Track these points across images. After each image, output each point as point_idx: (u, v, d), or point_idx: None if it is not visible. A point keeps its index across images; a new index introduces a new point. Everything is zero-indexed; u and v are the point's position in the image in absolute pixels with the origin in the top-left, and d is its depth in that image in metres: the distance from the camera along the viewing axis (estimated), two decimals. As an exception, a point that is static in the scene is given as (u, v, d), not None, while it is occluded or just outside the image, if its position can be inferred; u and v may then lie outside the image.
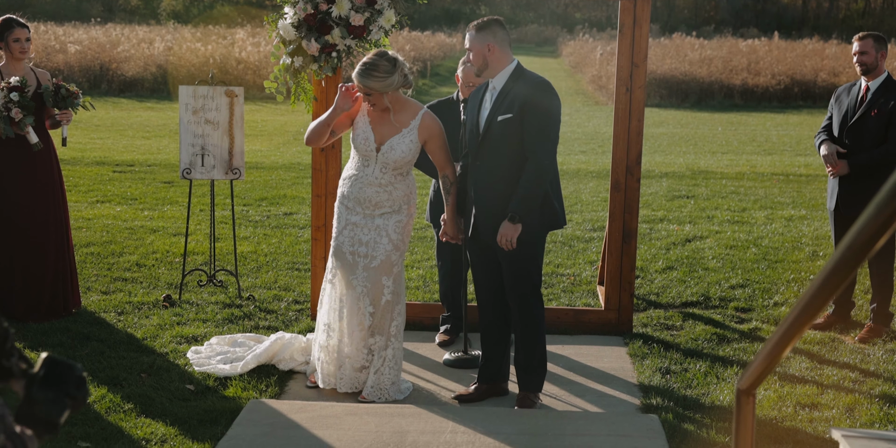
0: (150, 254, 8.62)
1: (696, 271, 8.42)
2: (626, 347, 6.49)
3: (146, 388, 5.41)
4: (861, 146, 6.58)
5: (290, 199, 11.59)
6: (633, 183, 6.69)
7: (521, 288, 5.27)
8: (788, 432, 5.04)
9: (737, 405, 2.75)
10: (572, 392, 5.70)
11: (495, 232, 5.18)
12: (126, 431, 4.83)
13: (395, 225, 5.39)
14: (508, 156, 5.14)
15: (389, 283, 5.40)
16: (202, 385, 5.54)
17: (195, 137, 7.25)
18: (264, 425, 4.89)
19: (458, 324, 6.55)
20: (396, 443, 4.71)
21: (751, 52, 30.95)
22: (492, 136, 5.16)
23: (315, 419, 4.99)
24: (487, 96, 5.27)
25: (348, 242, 5.43)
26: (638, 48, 6.54)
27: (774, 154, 17.09)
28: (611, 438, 4.82)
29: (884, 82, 6.56)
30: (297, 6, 6.33)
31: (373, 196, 5.38)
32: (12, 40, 6.58)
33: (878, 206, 1.79)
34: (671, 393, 5.63)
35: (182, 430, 4.85)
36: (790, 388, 5.70)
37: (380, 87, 5.23)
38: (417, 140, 5.36)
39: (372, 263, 5.38)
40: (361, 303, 5.40)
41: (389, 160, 5.33)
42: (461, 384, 5.77)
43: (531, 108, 5.07)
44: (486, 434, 4.84)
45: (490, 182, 5.20)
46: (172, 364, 5.86)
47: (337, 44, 6.35)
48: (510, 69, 5.23)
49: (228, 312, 6.97)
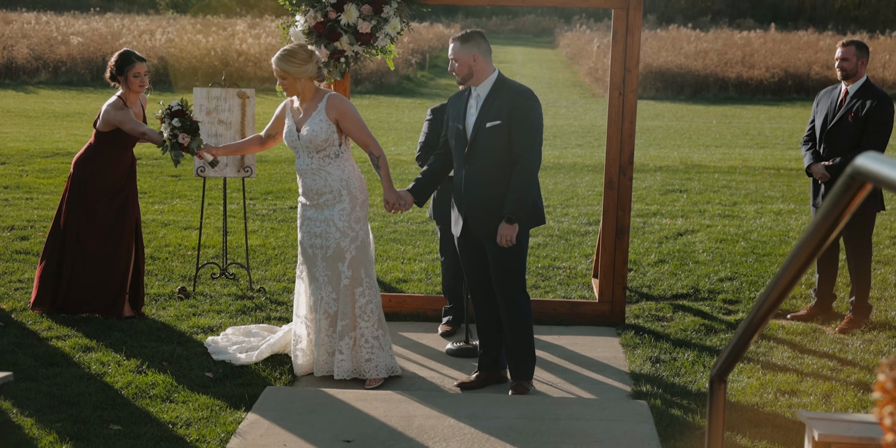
0: (164, 247, 8.99)
1: (687, 265, 8.79)
2: (618, 338, 6.86)
3: (168, 376, 5.78)
4: (839, 149, 6.95)
5: (294, 192, 11.94)
6: (625, 181, 7.05)
7: (508, 284, 5.65)
8: (767, 417, 5.42)
9: (710, 391, 3.11)
10: (567, 380, 6.07)
11: (488, 231, 5.58)
12: (153, 415, 5.20)
13: (339, 214, 5.81)
14: (496, 159, 5.55)
15: (345, 268, 5.81)
16: (220, 373, 5.92)
17: (209, 137, 7.60)
18: (281, 410, 5.27)
19: (460, 315, 6.92)
20: (404, 426, 5.09)
21: (746, 44, 31.31)
22: (480, 141, 5.56)
23: (327, 404, 5.37)
24: (472, 103, 5.66)
25: (307, 237, 5.90)
26: (630, 54, 6.90)
27: (766, 148, 17.46)
28: (602, 422, 5.20)
29: (861, 87, 6.94)
30: (308, 15, 6.68)
31: (311, 184, 5.84)
32: (132, 75, 6.75)
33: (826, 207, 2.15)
34: (660, 381, 6.01)
35: (205, 414, 5.23)
36: (772, 375, 6.08)
37: (295, 73, 5.74)
38: (327, 119, 5.79)
39: (327, 253, 5.82)
40: (324, 291, 5.85)
41: (310, 143, 5.79)
42: (463, 372, 6.14)
43: (519, 115, 5.50)
44: (487, 418, 5.22)
45: (480, 184, 5.59)
46: (191, 353, 6.23)
47: (345, 50, 6.71)
48: (493, 78, 5.64)
49: (241, 304, 7.33)
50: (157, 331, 6.65)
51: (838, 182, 1.97)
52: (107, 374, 5.81)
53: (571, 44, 38.88)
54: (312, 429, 5.05)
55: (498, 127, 5.52)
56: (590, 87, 29.24)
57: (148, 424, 5.08)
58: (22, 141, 15.40)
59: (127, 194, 6.93)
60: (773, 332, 6.98)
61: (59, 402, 5.33)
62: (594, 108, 23.89)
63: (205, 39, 29.17)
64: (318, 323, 5.90)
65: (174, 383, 5.67)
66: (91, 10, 39.94)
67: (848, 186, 1.88)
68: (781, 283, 2.50)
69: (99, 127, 6.84)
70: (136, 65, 6.73)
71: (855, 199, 1.91)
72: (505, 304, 5.69)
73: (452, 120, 5.77)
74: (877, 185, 1.75)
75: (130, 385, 5.61)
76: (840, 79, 7.02)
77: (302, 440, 4.91)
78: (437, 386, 5.92)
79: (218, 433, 4.98)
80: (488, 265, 5.74)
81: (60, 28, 30.61)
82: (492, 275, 5.70)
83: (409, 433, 5.01)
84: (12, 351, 6.09)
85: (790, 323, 7.19)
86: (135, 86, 6.76)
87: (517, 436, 5.00)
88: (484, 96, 5.63)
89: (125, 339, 6.42)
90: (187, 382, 5.71)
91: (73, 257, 6.83)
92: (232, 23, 34.37)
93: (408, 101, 25.12)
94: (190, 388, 5.62)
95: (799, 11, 54.07)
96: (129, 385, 5.61)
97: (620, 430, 5.11)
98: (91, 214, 6.83)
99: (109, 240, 6.85)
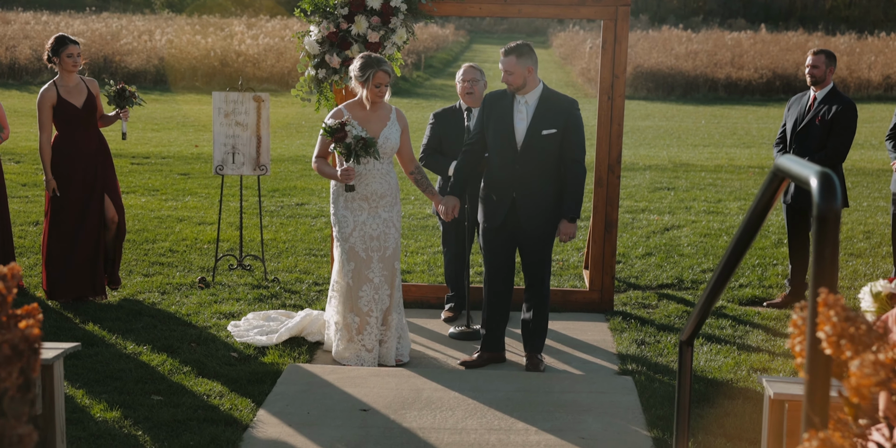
0: (181, 241, 9.57)
1: (673, 257, 9.39)
2: (607, 323, 7.46)
3: (198, 355, 6.37)
4: (807, 149, 7.57)
5: (299, 190, 12.54)
6: (613, 179, 7.64)
7: (542, 270, 6.35)
8: (740, 390, 6.02)
9: (679, 354, 3.71)
10: (560, 360, 6.66)
11: (536, 222, 6.24)
12: (189, 388, 5.79)
13: (397, 216, 6.42)
14: (548, 161, 6.22)
15: (398, 264, 6.44)
16: (244, 353, 6.50)
17: (227, 138, 8.20)
18: (303, 384, 5.86)
19: (461, 302, 7.50)
20: (414, 398, 5.68)
21: (735, 45, 31.97)
22: (534, 145, 6.18)
23: (344, 379, 5.96)
24: (522, 109, 6.22)
25: (360, 242, 6.33)
26: (618, 61, 7.49)
27: (752, 147, 18.08)
28: (591, 394, 5.80)
29: (828, 93, 7.57)
30: (322, 25, 7.27)
31: (377, 187, 6.33)
32: (66, 56, 7.50)
33: (756, 197, 2.73)
34: (645, 360, 6.60)
35: (235, 388, 5.82)
36: (746, 355, 6.68)
37: (391, 78, 6.27)
38: (400, 128, 6.38)
39: (386, 253, 6.35)
40: (381, 291, 6.35)
41: (387, 149, 6.31)
42: (465, 353, 6.73)
43: (574, 125, 6.20)
44: (487, 391, 5.81)
45: (533, 183, 6.22)
46: (216, 336, 6.82)
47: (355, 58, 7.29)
48: (540, 88, 6.27)
49: (257, 293, 7.92)
50: (182, 317, 7.24)
51: (767, 178, 2.57)
52: (142, 353, 6.40)
53: (564, 44, 39.47)
54: (332, 400, 5.64)
55: (553, 135, 6.18)
56: (582, 87, 29.84)
57: (185, 395, 5.67)
58: (33, 140, 15.93)
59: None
60: (749, 317, 7.58)
61: (104, 377, 5.92)
62: (587, 109, 24.27)
63: (204, 40, 29.70)
64: (374, 320, 6.33)
65: (203, 361, 6.25)
66: (87, 10, 40.42)
67: (771, 181, 2.48)
68: (729, 260, 3.09)
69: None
70: (70, 46, 7.49)
71: (778, 191, 2.50)
72: (536, 287, 6.35)
73: (496, 121, 6.28)
74: (792, 180, 2.34)
75: (165, 363, 6.20)
76: (809, 84, 7.66)
77: (323, 409, 5.50)
78: (441, 364, 6.51)
79: (248, 403, 5.57)
80: (513, 256, 6.39)
81: (61, 29, 31.12)
82: (527, 262, 6.36)
83: (419, 403, 5.60)
84: (55, 333, 6.67)
85: (766, 310, 7.80)
86: (68, 65, 7.48)
87: (515, 406, 5.60)
88: (534, 105, 6.21)
89: (155, 324, 7.00)
90: (215, 361, 6.29)
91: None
92: (228, 22, 34.90)
93: (404, 101, 25.69)
94: (218, 365, 6.21)
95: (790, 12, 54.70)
96: (163, 363, 6.20)
97: (608, 400, 5.71)
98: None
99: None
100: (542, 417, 5.44)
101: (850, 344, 2.07)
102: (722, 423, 5.45)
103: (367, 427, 5.29)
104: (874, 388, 2.02)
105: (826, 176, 2.10)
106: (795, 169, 2.27)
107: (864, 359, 1.99)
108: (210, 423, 5.27)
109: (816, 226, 2.08)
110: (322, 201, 11.82)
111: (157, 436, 5.10)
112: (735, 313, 7.69)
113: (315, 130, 19.33)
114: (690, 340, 3.66)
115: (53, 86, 7.50)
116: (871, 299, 3.91)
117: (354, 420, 5.37)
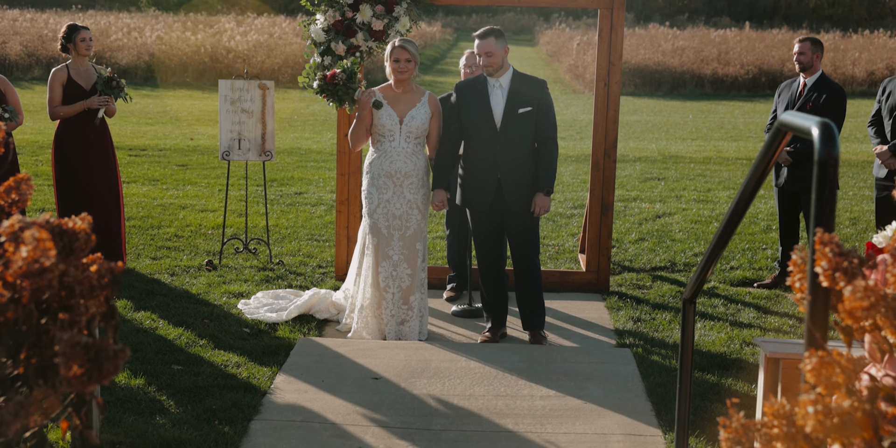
0: (185, 227, 9.79)
1: (665, 242, 9.66)
2: (603, 302, 7.72)
3: (212, 330, 6.60)
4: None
5: (297, 180, 12.76)
6: (609, 163, 7.90)
7: (531, 248, 6.56)
8: (733, 361, 6.29)
9: (682, 311, 3.97)
10: (560, 336, 6.91)
11: (523, 200, 6.45)
12: (207, 359, 6.03)
13: (423, 198, 6.62)
14: (526, 139, 6.45)
15: (421, 246, 6.63)
16: (255, 329, 6.73)
17: (233, 124, 8.42)
18: (315, 356, 6.10)
19: (463, 282, 7.75)
20: (422, 368, 5.93)
21: (721, 42, 32.30)
22: (512, 124, 6.41)
23: (355, 351, 6.20)
24: (497, 92, 6.46)
25: (383, 218, 6.57)
26: (614, 49, 7.75)
27: (740, 140, 18.39)
28: (592, 364, 6.06)
29: (818, 79, 7.85)
30: (328, 14, 7.51)
31: (402, 167, 6.55)
32: (79, 40, 7.79)
33: (761, 150, 2.99)
34: (641, 335, 6.87)
35: (251, 359, 6.06)
36: (739, 331, 6.95)
37: (416, 58, 6.50)
38: (430, 112, 6.59)
39: (407, 233, 6.58)
40: (399, 268, 6.57)
41: (413, 128, 6.55)
42: (467, 329, 6.98)
43: (545, 103, 6.45)
44: (493, 362, 6.06)
45: (515, 160, 6.45)
46: (227, 313, 7.05)
47: (360, 45, 7.53)
48: (511, 69, 6.50)
49: (264, 274, 8.15)
50: (193, 295, 7.46)
51: (770, 133, 2.82)
52: (158, 328, 6.63)
53: (551, 41, 39.76)
54: (344, 369, 5.88)
55: (529, 112, 6.43)
56: (570, 83, 30.12)
57: (204, 365, 5.91)
58: (29, 133, 16.11)
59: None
60: (740, 297, 7.86)
61: (125, 349, 6.13)
62: (575, 104, 24.76)
63: (193, 37, 29.85)
64: (393, 295, 6.56)
65: (218, 336, 6.49)
66: (73, 8, 40.48)
67: (775, 135, 2.74)
68: (733, 215, 3.35)
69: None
70: (82, 31, 7.88)
71: (782, 144, 2.76)
72: (526, 265, 6.56)
73: (472, 105, 6.52)
74: (795, 133, 2.59)
75: (181, 336, 6.44)
76: (798, 71, 7.94)
77: (337, 377, 5.74)
78: (446, 340, 6.75)
79: (266, 371, 5.81)
80: (502, 237, 6.62)
81: (50, 25, 31.22)
82: (515, 241, 6.57)
83: (428, 373, 5.85)
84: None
85: (756, 290, 8.08)
86: (82, 49, 7.81)
87: (519, 375, 5.85)
88: (507, 86, 6.46)
89: (168, 302, 7.23)
90: (229, 335, 6.52)
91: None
92: (216, 20, 35.05)
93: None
94: (232, 339, 6.44)
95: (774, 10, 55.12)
96: (180, 336, 6.44)
97: (608, 370, 5.98)
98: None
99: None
100: (546, 385, 5.70)
101: (844, 276, 2.33)
102: (718, 390, 5.72)
103: (379, 394, 5.53)
104: (865, 312, 2.28)
105: (826, 125, 2.35)
106: (797, 121, 2.52)
107: (855, 285, 2.25)
108: (230, 390, 5.51)
109: (817, 170, 2.33)
110: (320, 190, 12.05)
111: (180, 401, 5.34)
112: (727, 293, 7.96)
113: (308, 125, 19.55)
114: (693, 298, 3.91)
115: (65, 67, 7.86)
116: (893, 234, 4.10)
117: (367, 387, 5.61)
